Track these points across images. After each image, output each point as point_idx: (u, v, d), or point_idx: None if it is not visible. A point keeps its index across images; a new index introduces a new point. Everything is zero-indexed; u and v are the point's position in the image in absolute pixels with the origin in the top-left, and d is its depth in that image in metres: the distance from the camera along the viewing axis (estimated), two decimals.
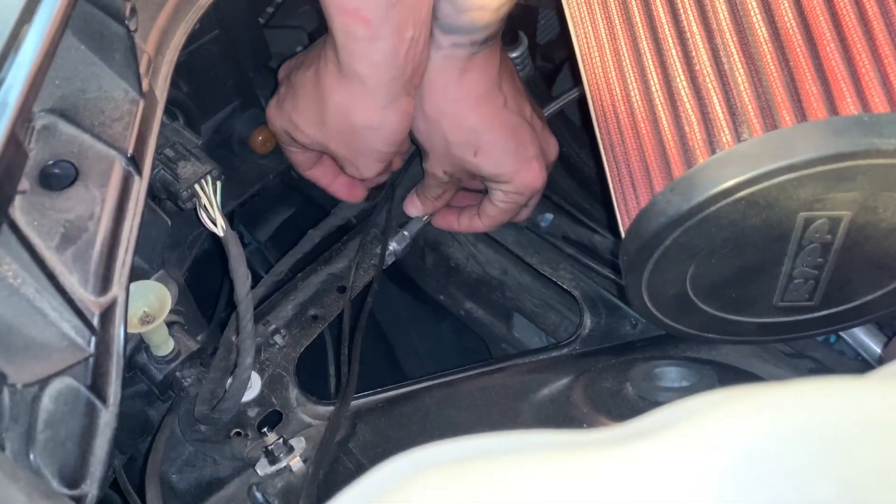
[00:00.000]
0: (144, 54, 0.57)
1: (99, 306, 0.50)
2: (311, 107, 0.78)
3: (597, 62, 0.62)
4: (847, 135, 0.50)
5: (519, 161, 0.80)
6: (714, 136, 0.53)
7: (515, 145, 0.79)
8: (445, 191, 0.87)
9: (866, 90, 0.51)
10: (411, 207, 0.91)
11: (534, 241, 0.94)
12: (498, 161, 0.79)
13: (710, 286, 0.60)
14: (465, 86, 0.76)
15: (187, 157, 0.72)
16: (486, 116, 0.78)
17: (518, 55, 0.99)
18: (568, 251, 0.93)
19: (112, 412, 0.51)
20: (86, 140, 0.54)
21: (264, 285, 0.87)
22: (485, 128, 0.78)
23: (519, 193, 0.83)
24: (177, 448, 0.75)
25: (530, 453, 0.33)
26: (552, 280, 0.91)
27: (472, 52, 0.74)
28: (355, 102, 0.75)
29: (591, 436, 0.34)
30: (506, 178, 0.81)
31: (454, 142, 0.78)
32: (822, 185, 0.52)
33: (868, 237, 0.55)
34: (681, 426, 0.32)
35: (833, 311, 0.62)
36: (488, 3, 0.71)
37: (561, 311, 0.93)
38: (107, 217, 0.52)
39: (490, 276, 0.96)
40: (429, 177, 0.85)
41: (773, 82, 0.52)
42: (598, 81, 0.62)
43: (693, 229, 0.54)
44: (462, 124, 0.78)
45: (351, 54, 0.71)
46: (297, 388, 0.81)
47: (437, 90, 0.76)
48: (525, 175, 0.81)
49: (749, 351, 0.72)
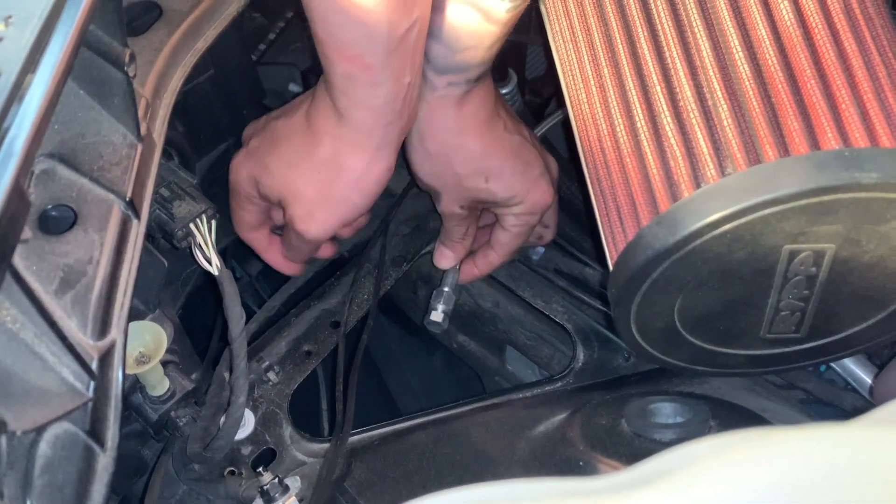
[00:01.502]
0: (142, 99, 0.59)
1: (98, 350, 0.51)
2: (292, 149, 0.77)
3: (583, 98, 0.64)
4: (829, 169, 0.52)
5: (527, 180, 0.82)
6: (699, 171, 0.55)
7: (523, 166, 0.81)
8: (468, 227, 0.88)
9: (847, 125, 0.53)
10: (443, 260, 0.90)
11: (525, 274, 0.95)
12: (509, 183, 0.81)
13: (697, 318, 0.61)
14: (466, 118, 0.78)
15: (182, 196, 0.73)
16: (491, 143, 0.79)
17: (508, 91, 1.01)
18: (560, 284, 0.94)
19: (110, 456, 0.51)
20: (85, 184, 0.55)
21: (257, 321, 0.88)
22: (491, 153, 0.80)
23: (531, 213, 0.84)
24: (171, 487, 0.75)
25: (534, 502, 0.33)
26: (544, 313, 0.92)
27: (467, 90, 0.76)
28: (348, 145, 0.75)
29: (593, 483, 0.34)
30: (518, 199, 0.82)
31: (464, 173, 0.80)
32: (806, 219, 0.53)
33: (852, 269, 0.57)
34: (679, 475, 0.33)
35: (820, 342, 0.63)
36: (481, 42, 0.72)
37: (554, 344, 0.94)
38: (105, 261, 0.53)
39: (482, 309, 0.97)
40: (448, 219, 0.86)
41: (756, 118, 0.54)
42: (584, 116, 0.64)
43: (680, 262, 0.56)
44: (469, 155, 0.79)
45: (350, 99, 0.72)
46: (291, 426, 0.81)
47: (439, 127, 0.78)
48: (535, 193, 0.83)
49: (740, 384, 0.73)
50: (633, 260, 0.57)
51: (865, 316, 0.61)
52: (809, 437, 0.35)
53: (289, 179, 0.78)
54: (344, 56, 0.69)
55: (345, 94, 0.72)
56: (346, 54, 0.68)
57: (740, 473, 0.32)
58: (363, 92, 0.71)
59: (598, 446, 0.62)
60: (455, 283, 0.91)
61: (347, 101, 0.72)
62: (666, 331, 0.62)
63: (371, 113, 0.73)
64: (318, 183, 0.77)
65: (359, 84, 0.70)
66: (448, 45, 0.73)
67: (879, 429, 0.37)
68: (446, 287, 0.91)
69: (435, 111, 0.77)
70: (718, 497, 0.32)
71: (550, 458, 0.63)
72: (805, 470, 0.32)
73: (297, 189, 0.78)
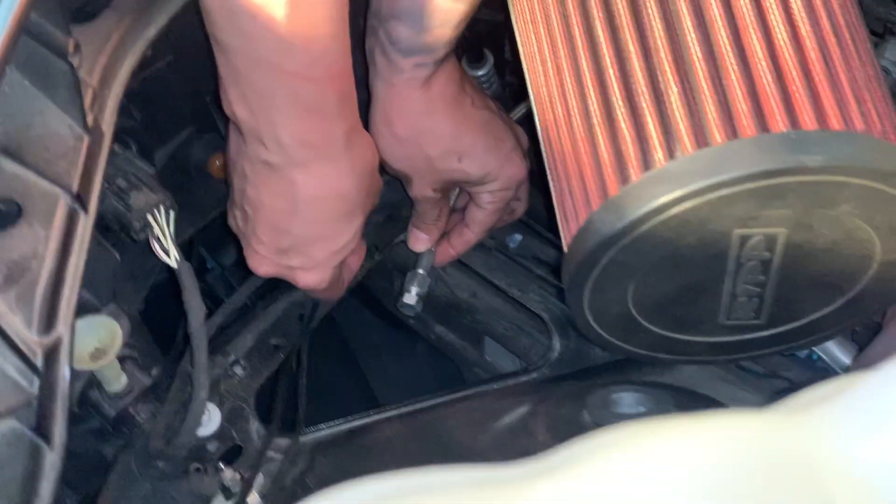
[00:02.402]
0: (89, 89, 0.60)
1: (43, 346, 0.53)
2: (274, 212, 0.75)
3: (541, 80, 0.65)
4: (774, 152, 0.53)
5: (500, 156, 0.83)
6: (648, 155, 0.56)
7: (494, 141, 0.82)
8: (441, 209, 0.89)
9: (797, 108, 0.54)
10: (417, 242, 0.91)
11: (503, 263, 0.97)
12: (482, 160, 0.82)
13: (653, 305, 0.63)
14: (434, 99, 0.78)
15: (139, 186, 0.74)
16: (461, 121, 0.80)
17: (484, 73, 1.02)
18: (538, 272, 0.96)
19: (58, 453, 0.53)
20: (30, 178, 0.56)
21: (223, 314, 0.89)
22: (462, 132, 0.80)
23: (506, 189, 0.85)
24: (134, 486, 0.77)
25: (434, 493, 0.35)
26: (521, 303, 0.93)
27: (434, 70, 0.77)
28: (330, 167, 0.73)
29: (505, 472, 0.36)
30: (492, 175, 0.83)
31: (436, 155, 0.81)
32: (754, 203, 0.55)
33: (807, 254, 0.58)
34: (579, 464, 0.35)
35: (782, 329, 0.65)
36: (448, 22, 0.73)
37: (532, 335, 0.96)
38: (51, 256, 0.55)
39: (459, 300, 0.99)
40: (420, 202, 0.87)
41: (706, 101, 0.56)
42: (542, 100, 0.65)
43: (628, 248, 0.57)
44: (439, 135, 0.80)
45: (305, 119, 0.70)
46: (259, 421, 0.83)
47: (407, 110, 0.78)
48: (509, 168, 0.84)
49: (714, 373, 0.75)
50: (582, 246, 0.58)
51: (825, 302, 0.63)
52: (717, 424, 0.36)
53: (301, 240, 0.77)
54: (286, 72, 0.66)
55: (294, 130, 0.69)
56: (287, 69, 0.66)
57: (632, 464, 0.34)
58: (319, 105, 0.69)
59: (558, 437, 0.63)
60: (430, 266, 0.92)
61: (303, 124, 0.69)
62: (622, 318, 0.63)
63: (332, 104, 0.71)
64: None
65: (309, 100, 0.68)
66: (414, 26, 0.73)
67: (791, 416, 0.38)
68: (420, 269, 0.92)
69: (401, 94, 0.77)
70: (612, 485, 0.33)
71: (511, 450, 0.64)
72: (698, 460, 0.34)
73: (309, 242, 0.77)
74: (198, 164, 0.90)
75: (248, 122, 0.71)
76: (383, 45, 0.76)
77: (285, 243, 0.78)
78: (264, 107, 0.69)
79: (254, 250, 0.80)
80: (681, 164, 0.55)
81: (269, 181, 0.74)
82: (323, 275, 0.81)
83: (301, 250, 0.78)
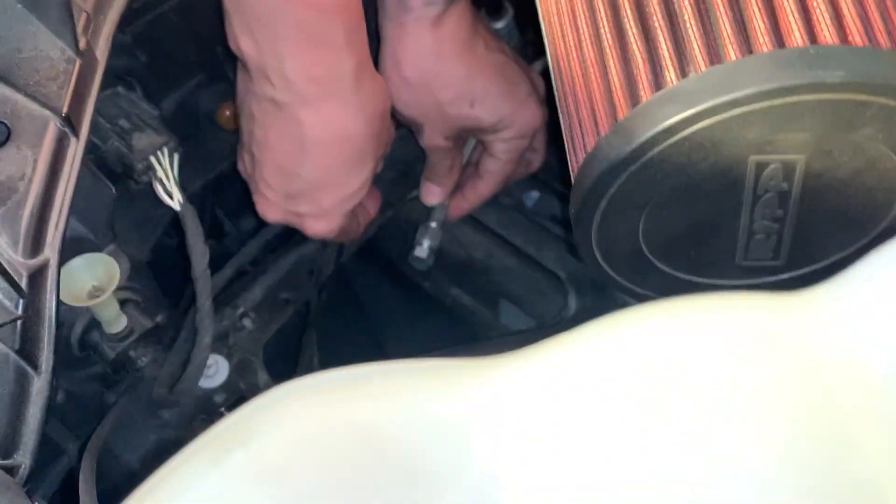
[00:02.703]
0: (83, 13, 0.58)
1: (28, 268, 0.51)
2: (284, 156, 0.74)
3: (552, 10, 0.63)
4: (791, 67, 0.50)
5: (515, 102, 0.80)
6: (660, 76, 0.53)
7: (508, 86, 0.79)
8: (453, 159, 0.86)
9: (815, 24, 0.51)
10: (430, 196, 0.89)
11: (518, 221, 0.94)
12: (496, 105, 0.79)
13: (665, 242, 0.60)
14: (444, 40, 0.75)
15: (143, 128, 0.73)
16: (473, 64, 0.77)
17: (503, 26, 0.99)
18: (555, 231, 0.93)
19: (45, 379, 0.52)
20: (19, 100, 0.55)
21: (232, 266, 0.88)
22: (474, 75, 0.77)
23: (521, 137, 0.82)
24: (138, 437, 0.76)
25: (391, 376, 0.33)
26: (537, 261, 0.91)
27: (444, 9, 0.75)
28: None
29: (469, 362, 0.34)
30: (506, 122, 0.80)
31: (447, 99, 0.78)
32: (770, 124, 0.52)
33: (827, 185, 0.55)
34: (535, 350, 0.32)
35: (802, 271, 0.61)
36: None
37: (548, 294, 0.93)
38: (39, 178, 0.53)
39: (474, 259, 0.96)
40: (432, 152, 0.85)
41: (721, 18, 0.53)
42: (553, 31, 0.63)
43: (637, 175, 0.54)
44: (451, 78, 0.77)
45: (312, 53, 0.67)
46: (267, 374, 0.82)
47: (416, 53, 0.76)
48: (524, 114, 0.81)
49: None
50: (590, 173, 0.56)
51: (848, 241, 0.60)
52: (708, 304, 0.34)
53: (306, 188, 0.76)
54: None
55: (301, 63, 0.67)
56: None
57: (622, 346, 0.32)
58: (327, 36, 0.67)
59: None
60: (442, 220, 0.91)
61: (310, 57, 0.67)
62: (632, 256, 0.61)
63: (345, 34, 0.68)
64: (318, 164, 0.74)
65: (316, 31, 0.66)
66: None
67: (786, 297, 0.35)
68: (432, 223, 0.90)
69: (410, 35, 0.75)
70: (595, 370, 0.31)
71: None
72: (691, 340, 0.32)
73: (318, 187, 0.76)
74: (207, 113, 0.89)
75: (253, 57, 0.69)
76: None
77: (293, 188, 0.76)
78: (269, 39, 0.67)
79: (262, 195, 0.78)
80: (693, 82, 0.52)
81: (275, 121, 0.72)
82: (332, 223, 0.79)
83: (309, 196, 0.76)
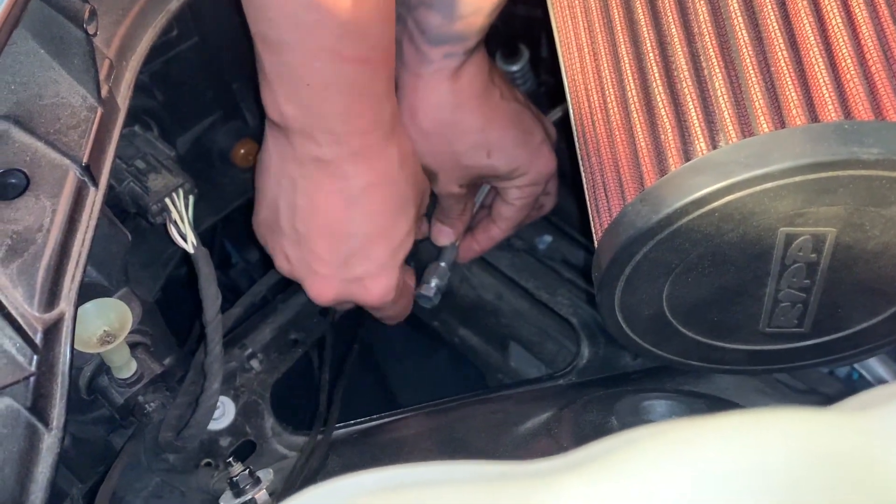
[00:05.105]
0: (106, 60, 0.58)
1: (43, 323, 0.50)
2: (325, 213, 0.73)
3: (577, 67, 0.62)
4: (825, 143, 0.49)
5: (530, 150, 0.80)
6: (689, 144, 0.52)
7: (523, 134, 0.80)
8: (466, 204, 0.86)
9: (850, 98, 0.50)
10: (441, 236, 0.89)
11: (530, 265, 0.93)
12: (512, 155, 0.79)
13: (689, 308, 0.59)
14: (461, 91, 0.76)
15: (159, 169, 0.72)
16: (489, 114, 0.77)
17: (519, 69, 0.99)
18: (567, 276, 0.92)
19: (56, 436, 0.51)
20: (39, 148, 0.54)
21: (242, 305, 0.87)
22: (491, 125, 0.78)
23: (535, 184, 0.83)
24: (142, 479, 0.75)
25: (452, 485, 0.32)
26: (548, 306, 0.90)
27: (463, 61, 0.74)
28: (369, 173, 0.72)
29: (522, 468, 0.33)
30: (522, 170, 0.80)
31: (463, 149, 0.78)
32: (802, 198, 0.51)
33: (857, 257, 0.54)
34: (604, 461, 0.31)
35: (826, 339, 0.61)
36: (481, 9, 0.71)
37: (559, 340, 0.92)
38: (57, 229, 0.52)
39: (484, 301, 0.96)
40: (445, 198, 0.85)
41: (752, 88, 0.52)
42: (577, 89, 0.62)
43: (665, 243, 0.54)
44: (467, 129, 0.77)
45: (354, 115, 0.68)
46: (273, 417, 0.80)
47: (433, 103, 0.76)
48: (539, 162, 0.81)
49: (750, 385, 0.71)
50: (615, 240, 0.55)
51: (875, 311, 0.59)
52: (771, 421, 0.33)
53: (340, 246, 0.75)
54: (345, 57, 0.64)
55: (347, 117, 0.68)
56: (347, 55, 0.64)
57: (668, 461, 0.30)
58: (371, 87, 0.68)
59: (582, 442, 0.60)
60: (452, 260, 0.90)
61: (354, 123, 0.68)
62: (655, 320, 0.60)
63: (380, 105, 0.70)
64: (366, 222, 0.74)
65: (363, 84, 0.67)
66: (446, 14, 0.71)
67: (847, 415, 0.34)
68: (442, 262, 0.89)
69: (427, 86, 0.75)
70: (640, 486, 0.30)
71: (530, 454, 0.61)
72: (755, 456, 0.30)
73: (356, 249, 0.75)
74: (221, 151, 0.89)
75: (297, 120, 0.69)
76: (411, 34, 0.73)
77: (345, 249, 0.75)
78: (318, 100, 0.67)
79: (315, 274, 0.76)
80: (724, 153, 0.51)
81: (322, 180, 0.72)
82: (390, 278, 0.77)
83: (363, 254, 0.75)
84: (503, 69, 0.96)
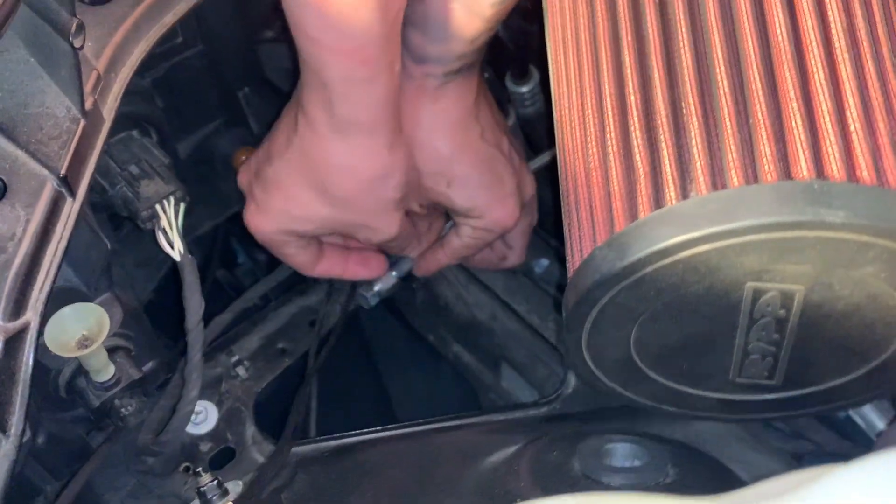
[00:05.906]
0: (94, 71, 0.58)
1: (6, 332, 0.51)
2: (304, 188, 0.74)
3: (564, 103, 0.62)
4: (793, 202, 0.48)
5: (493, 196, 0.79)
6: (661, 192, 0.52)
7: (491, 179, 0.78)
8: (431, 224, 0.85)
9: (824, 155, 0.49)
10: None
11: (525, 288, 0.93)
12: (472, 194, 0.78)
13: (657, 353, 0.58)
14: (438, 114, 0.75)
15: (152, 175, 0.73)
16: (460, 146, 0.76)
17: (528, 90, 0.98)
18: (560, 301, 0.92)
19: (13, 443, 0.51)
20: (20, 157, 0.55)
21: (232, 311, 0.88)
22: (458, 158, 0.76)
23: (488, 231, 0.81)
24: (122, 478, 0.76)
25: None
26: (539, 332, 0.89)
27: (444, 82, 0.74)
28: (358, 157, 0.72)
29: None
30: (478, 212, 0.79)
31: (425, 171, 0.77)
32: (769, 255, 0.50)
33: (826, 316, 0.53)
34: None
35: (798, 392, 0.60)
36: (461, 35, 0.70)
37: (549, 365, 0.92)
38: (29, 239, 0.53)
39: (478, 320, 0.95)
40: (408, 213, 0.84)
41: (728, 139, 0.51)
42: (563, 124, 0.62)
43: (630, 290, 0.53)
44: (434, 153, 0.76)
45: (351, 102, 0.69)
46: (255, 426, 0.81)
47: (408, 119, 0.75)
48: (498, 212, 0.79)
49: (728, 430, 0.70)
50: (583, 282, 0.54)
51: (846, 368, 0.58)
52: None
53: (323, 214, 0.76)
54: (340, 52, 0.65)
55: (345, 98, 0.68)
56: (344, 48, 0.65)
57: None
58: (363, 90, 0.68)
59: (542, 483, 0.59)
60: (404, 273, 0.90)
61: (348, 106, 0.69)
62: (623, 363, 0.59)
63: (374, 110, 0.70)
64: (353, 204, 0.75)
65: (358, 82, 0.68)
66: (426, 35, 0.70)
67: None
68: (393, 272, 0.89)
69: (409, 100, 0.74)
70: None
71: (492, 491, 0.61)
72: None
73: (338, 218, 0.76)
74: (223, 157, 0.89)
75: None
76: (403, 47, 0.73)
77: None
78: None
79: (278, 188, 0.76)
80: (691, 205, 0.50)
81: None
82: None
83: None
84: (512, 90, 0.96)
